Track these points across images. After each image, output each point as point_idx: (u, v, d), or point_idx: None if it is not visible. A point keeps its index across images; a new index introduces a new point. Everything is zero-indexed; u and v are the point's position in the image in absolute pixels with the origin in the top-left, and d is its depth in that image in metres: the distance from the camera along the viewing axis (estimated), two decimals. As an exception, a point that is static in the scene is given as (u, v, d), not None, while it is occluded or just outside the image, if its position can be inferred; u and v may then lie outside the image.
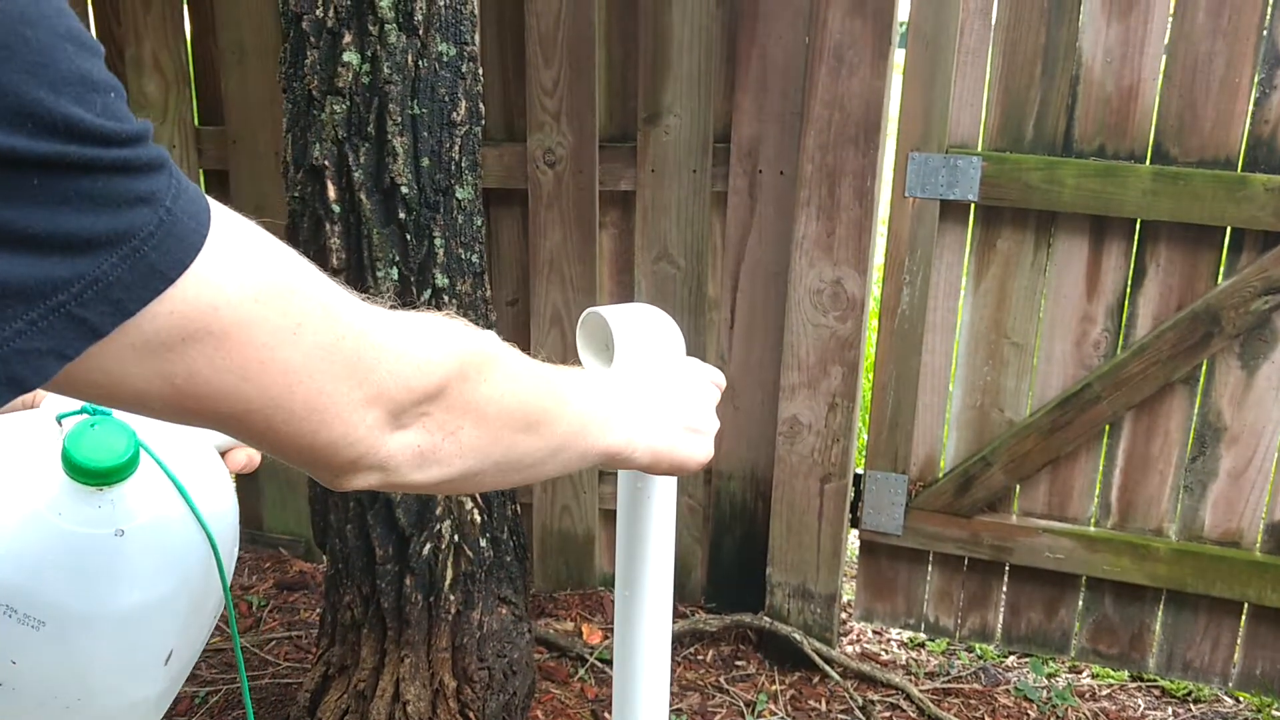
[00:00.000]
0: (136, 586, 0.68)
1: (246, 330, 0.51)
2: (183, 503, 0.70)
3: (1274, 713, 2.42)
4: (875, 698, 2.41)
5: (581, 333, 0.92)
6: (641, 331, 0.89)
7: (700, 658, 2.54)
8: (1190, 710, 2.45)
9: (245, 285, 0.51)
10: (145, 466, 0.67)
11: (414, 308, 1.96)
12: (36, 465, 0.66)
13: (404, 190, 1.81)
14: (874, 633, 2.72)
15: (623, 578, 0.95)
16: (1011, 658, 2.61)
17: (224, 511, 0.74)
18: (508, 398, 0.68)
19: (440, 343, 0.64)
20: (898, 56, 2.30)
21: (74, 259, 0.44)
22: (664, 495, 0.93)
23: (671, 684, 2.49)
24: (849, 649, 2.62)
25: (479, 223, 1.94)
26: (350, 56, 1.76)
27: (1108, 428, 2.34)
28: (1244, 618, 2.38)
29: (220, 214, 0.50)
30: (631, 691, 0.96)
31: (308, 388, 0.55)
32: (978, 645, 2.62)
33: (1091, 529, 2.40)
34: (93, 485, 0.65)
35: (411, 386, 0.61)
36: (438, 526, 1.98)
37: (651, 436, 0.80)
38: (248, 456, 0.80)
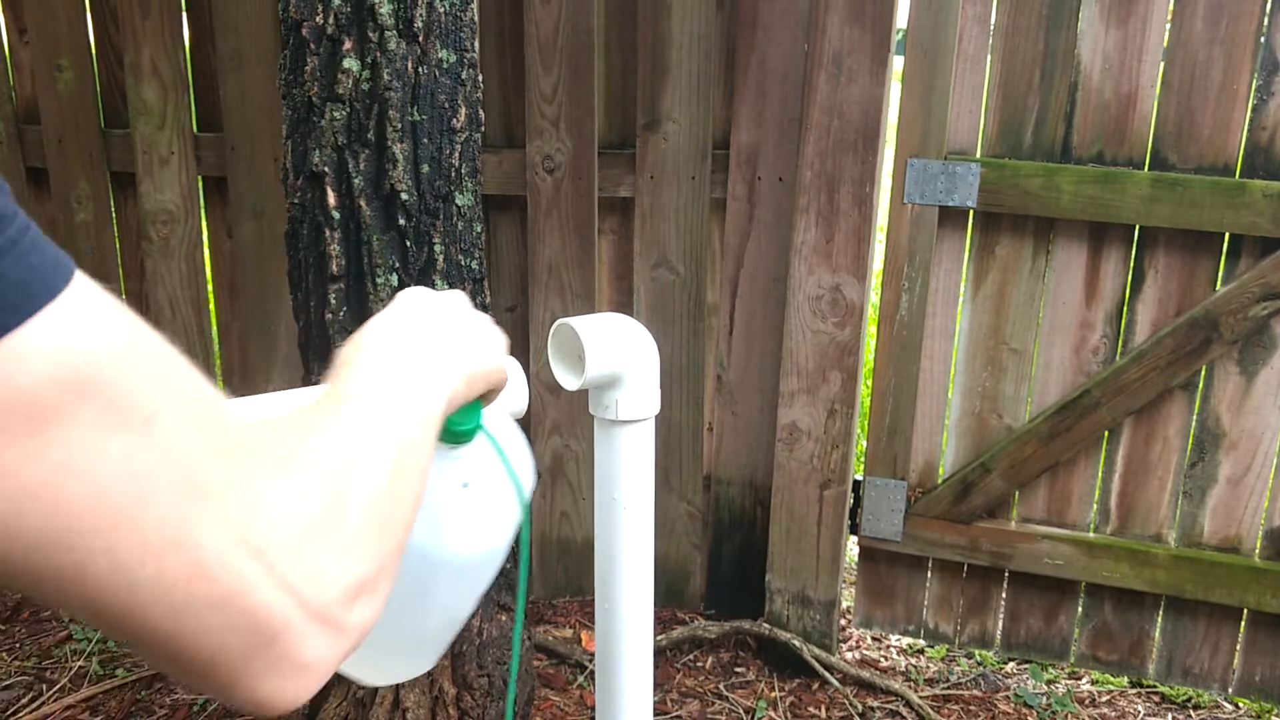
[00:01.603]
0: (477, 538, 0.75)
1: (74, 403, 0.39)
2: (500, 474, 0.77)
3: (1274, 718, 2.42)
4: (875, 704, 2.40)
5: (553, 345, 0.93)
6: (613, 343, 0.89)
7: (699, 664, 2.54)
8: (1190, 716, 2.45)
9: (81, 348, 0.39)
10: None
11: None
12: None
13: (404, 197, 1.81)
14: (873, 639, 2.72)
15: (602, 592, 0.96)
16: (1011, 664, 2.61)
17: (529, 480, 0.82)
18: (394, 470, 0.54)
19: (313, 444, 0.51)
20: (896, 64, 2.30)
21: None
22: (639, 506, 0.93)
23: (670, 690, 2.49)
24: (848, 655, 2.62)
25: (479, 229, 1.94)
26: (350, 63, 1.76)
27: (1107, 434, 2.34)
28: (1243, 624, 2.38)
29: (82, 289, 0.41)
30: (615, 702, 0.96)
31: (165, 506, 0.41)
32: (977, 651, 2.62)
33: (1091, 535, 2.40)
34: (449, 443, 0.72)
35: (315, 518, 0.48)
36: (437, 533, 1.98)
37: (457, 365, 0.68)
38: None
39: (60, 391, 0.38)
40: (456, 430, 0.72)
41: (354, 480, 0.51)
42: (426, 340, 0.67)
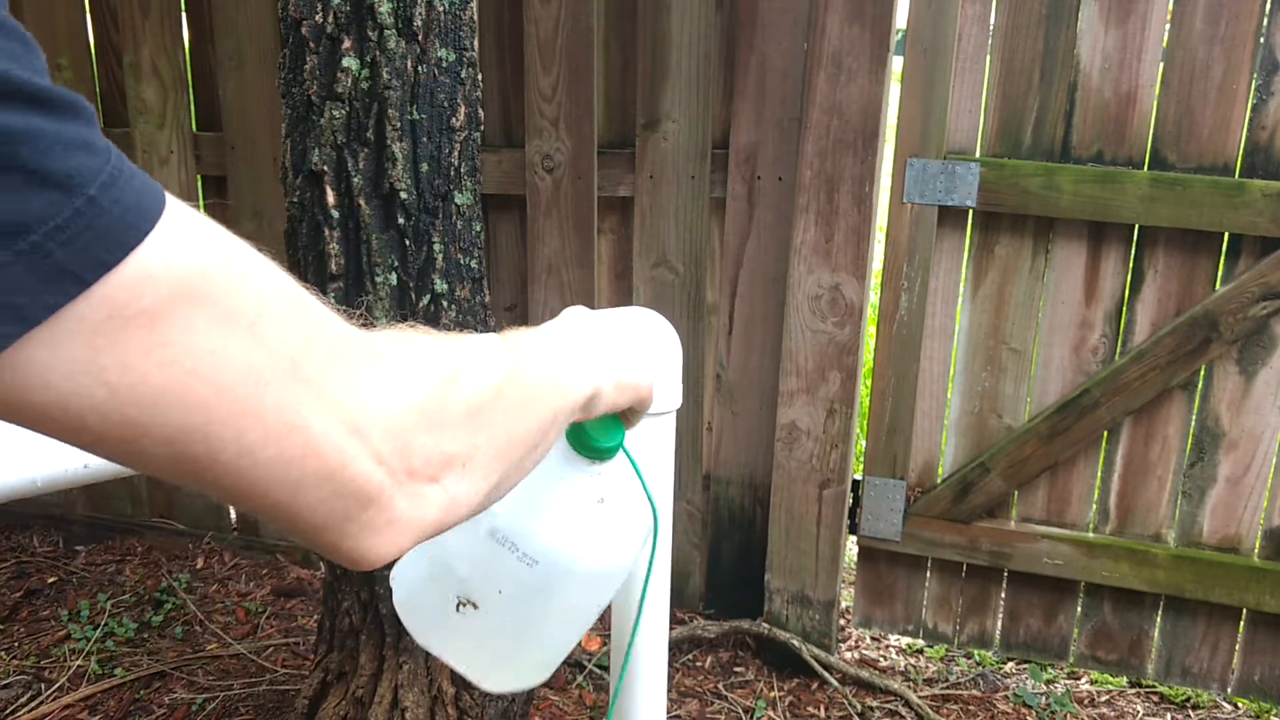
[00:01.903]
0: (609, 552, 0.77)
1: (190, 311, 0.43)
2: (636, 494, 0.80)
3: (1273, 718, 2.42)
4: (874, 704, 2.40)
5: None
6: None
7: (698, 664, 2.54)
8: (1189, 716, 2.45)
9: (197, 279, 0.43)
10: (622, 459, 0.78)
11: (413, 313, 1.95)
12: None
13: (403, 196, 1.81)
14: (872, 639, 2.72)
15: (620, 590, 0.95)
16: (1010, 664, 2.61)
17: (659, 502, 0.85)
18: (502, 389, 0.60)
19: (425, 347, 0.57)
20: (896, 63, 2.30)
21: (47, 194, 0.38)
22: (659, 499, 0.93)
23: (670, 690, 2.49)
24: (848, 655, 2.62)
25: (478, 228, 1.94)
26: (349, 62, 1.76)
27: (1106, 434, 2.34)
28: (1243, 623, 2.38)
29: (177, 211, 0.44)
30: (631, 700, 0.96)
31: (279, 395, 0.47)
32: (976, 651, 2.62)
33: (1090, 535, 2.40)
34: (589, 458, 0.76)
35: (410, 401, 0.53)
36: (436, 532, 1.97)
37: (604, 370, 0.73)
38: None
39: (179, 303, 0.43)
40: (599, 447, 0.75)
41: (456, 380, 0.57)
42: (587, 337, 0.74)
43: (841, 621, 2.66)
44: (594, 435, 0.75)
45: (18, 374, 0.40)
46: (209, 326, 0.44)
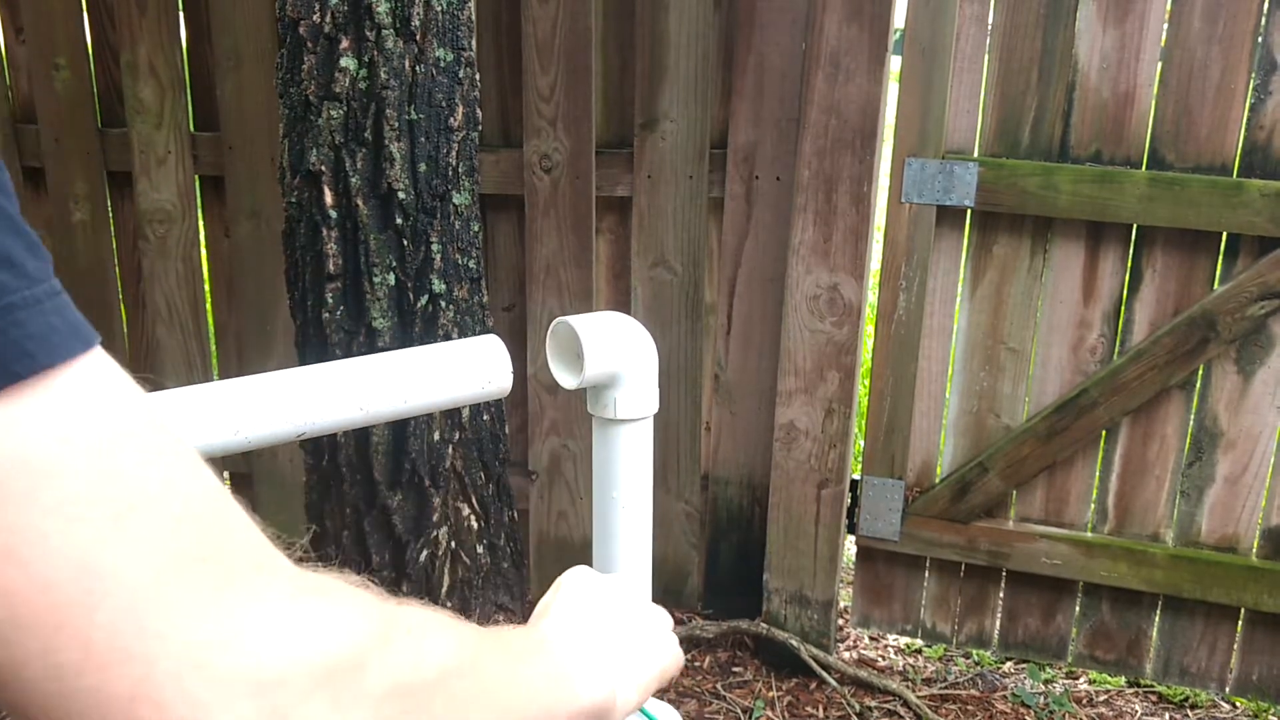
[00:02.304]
0: None
1: (41, 474, 0.35)
2: None
3: (1271, 718, 2.42)
4: (872, 704, 2.40)
5: (551, 344, 0.92)
6: (612, 342, 0.88)
7: (697, 664, 2.54)
8: (1188, 716, 2.45)
9: (61, 448, 0.36)
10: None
11: (411, 313, 1.95)
12: None
13: (401, 195, 1.80)
14: (871, 639, 2.72)
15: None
16: (1009, 664, 2.61)
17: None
18: (449, 672, 0.48)
19: (361, 602, 0.45)
20: (894, 63, 2.30)
21: None
22: (638, 505, 0.93)
23: (668, 690, 2.49)
24: (846, 655, 2.62)
25: (476, 228, 1.94)
26: (347, 62, 1.76)
27: (1104, 433, 2.34)
28: (1241, 623, 2.38)
29: (87, 369, 0.37)
30: None
31: (122, 611, 0.36)
32: (975, 651, 2.62)
33: (1089, 535, 2.40)
34: None
35: (312, 658, 0.40)
36: (434, 533, 1.97)
37: (629, 667, 0.64)
38: None
39: (18, 469, 0.35)
40: None
41: (384, 645, 0.44)
42: (594, 629, 0.63)
43: (840, 621, 2.66)
44: None
45: None
46: (53, 506, 0.35)
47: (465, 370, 0.76)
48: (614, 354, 0.88)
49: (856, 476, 2.53)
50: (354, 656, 0.42)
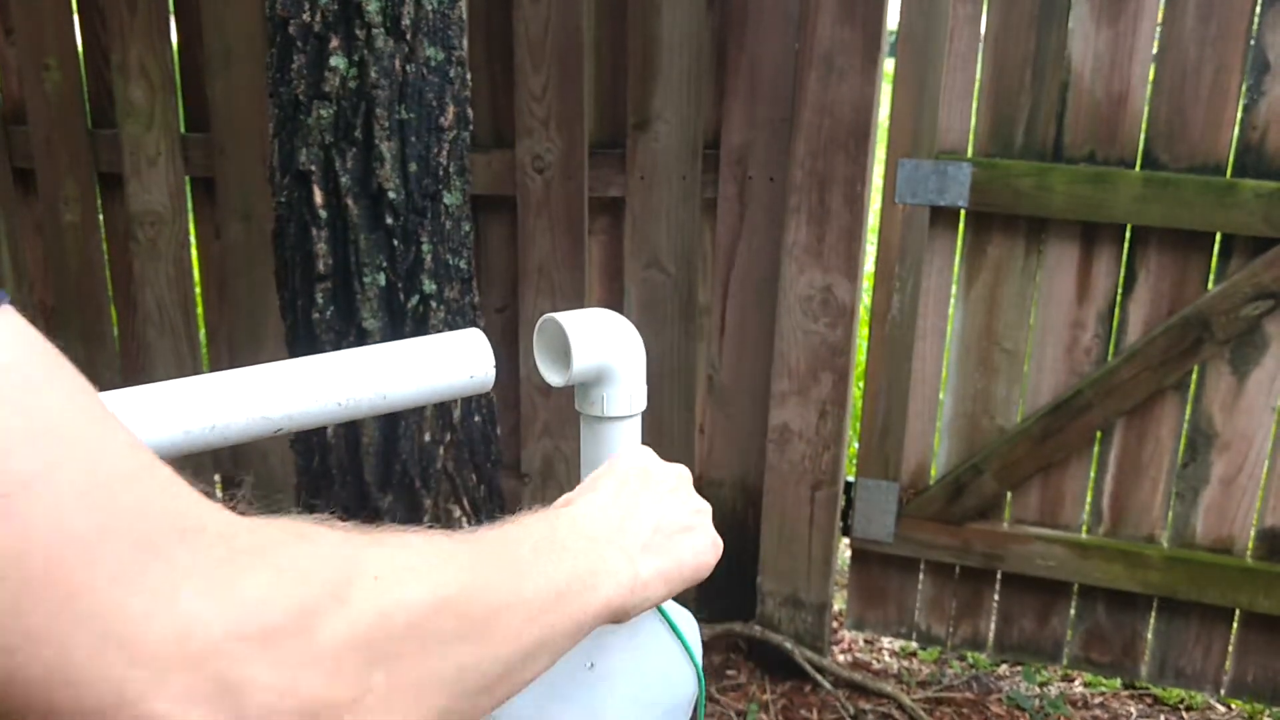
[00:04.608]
0: None
1: None
2: (667, 651, 0.68)
3: (1266, 719, 2.42)
4: (867, 707, 2.39)
5: (539, 341, 0.91)
6: (599, 338, 0.87)
7: (691, 667, 2.52)
8: (1183, 718, 2.44)
9: None
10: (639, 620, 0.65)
11: (402, 313, 1.93)
12: None
13: (391, 195, 1.79)
14: (865, 641, 2.71)
15: None
16: (1003, 666, 2.60)
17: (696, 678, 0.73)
18: (427, 611, 0.44)
19: (315, 549, 0.42)
20: (888, 64, 2.29)
21: None
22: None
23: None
24: (840, 658, 2.61)
25: (467, 228, 1.93)
26: (337, 61, 1.75)
27: (1099, 434, 2.33)
28: (1236, 625, 2.37)
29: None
30: None
31: (20, 578, 0.32)
32: (970, 654, 2.61)
33: (1083, 536, 2.39)
34: None
35: (257, 618, 0.37)
36: (425, 535, 1.96)
37: (652, 557, 0.60)
38: None
39: None
40: None
41: (340, 595, 0.41)
42: (629, 514, 0.60)
43: (834, 624, 2.65)
44: None
45: None
46: None
47: (447, 363, 0.75)
48: (601, 350, 0.87)
49: (851, 478, 2.52)
50: (299, 615, 0.39)
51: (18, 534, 0.32)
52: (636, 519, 0.62)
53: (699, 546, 0.65)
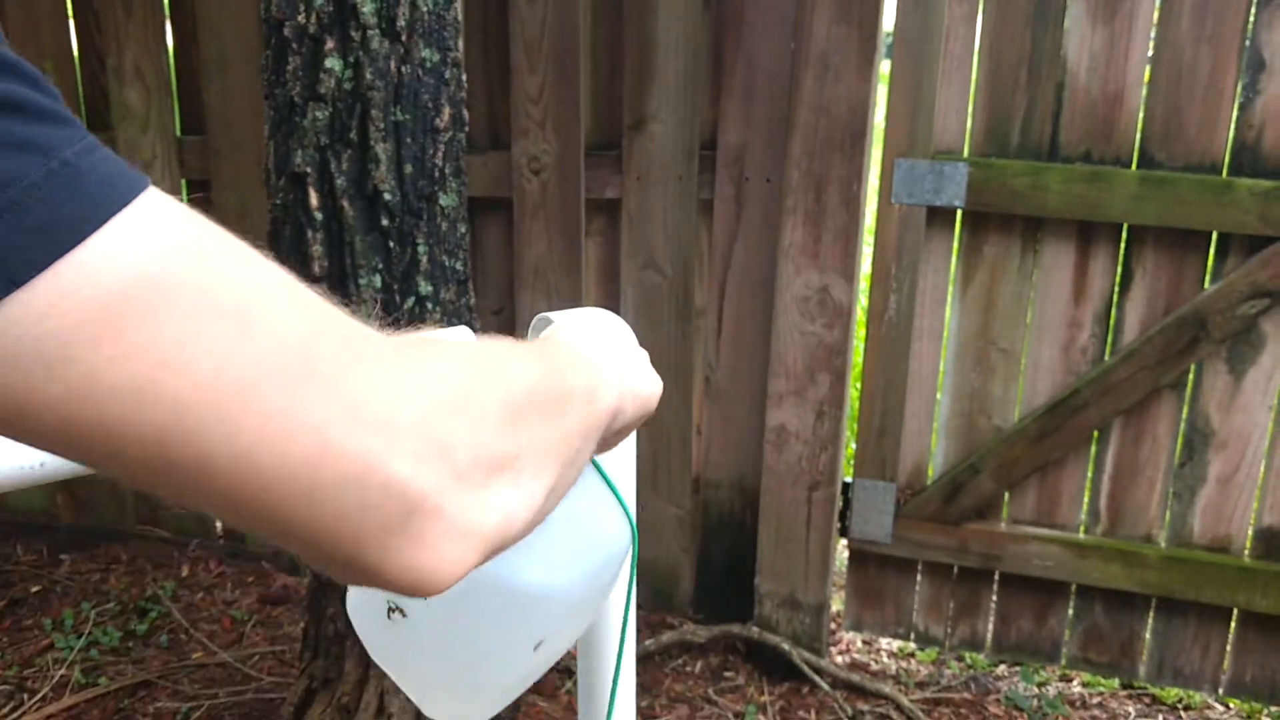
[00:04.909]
0: (545, 569, 0.71)
1: (159, 296, 0.38)
2: (600, 501, 0.73)
3: (1264, 718, 2.41)
4: (865, 708, 2.39)
5: (531, 339, 0.91)
6: (592, 335, 0.87)
7: (688, 669, 2.52)
8: (1181, 717, 2.44)
9: (176, 260, 0.39)
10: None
11: (397, 315, 1.92)
12: None
13: (387, 197, 1.79)
14: (863, 642, 2.70)
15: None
16: (1002, 666, 2.59)
17: (632, 516, 0.78)
18: (534, 389, 0.55)
19: (448, 345, 0.52)
20: (884, 64, 2.29)
21: None
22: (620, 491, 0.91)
23: (659, 695, 2.47)
24: (838, 659, 2.61)
25: (463, 230, 1.93)
26: (332, 63, 1.74)
27: (1096, 434, 2.33)
28: (1233, 624, 2.37)
29: (158, 193, 0.40)
30: (598, 708, 0.94)
31: (278, 389, 0.41)
32: (968, 654, 2.61)
33: (1081, 536, 2.39)
34: None
35: (443, 395, 0.47)
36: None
37: (622, 380, 0.68)
38: None
39: (146, 290, 0.38)
40: None
41: (485, 377, 0.51)
42: (596, 345, 0.68)
43: (832, 625, 2.65)
44: None
45: None
46: (185, 314, 0.39)
47: None
48: (595, 349, 0.87)
49: (848, 479, 2.51)
50: (471, 389, 0.49)
51: (267, 338, 0.41)
52: (608, 350, 0.70)
53: (651, 380, 0.73)
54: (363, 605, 0.75)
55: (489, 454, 0.48)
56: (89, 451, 0.40)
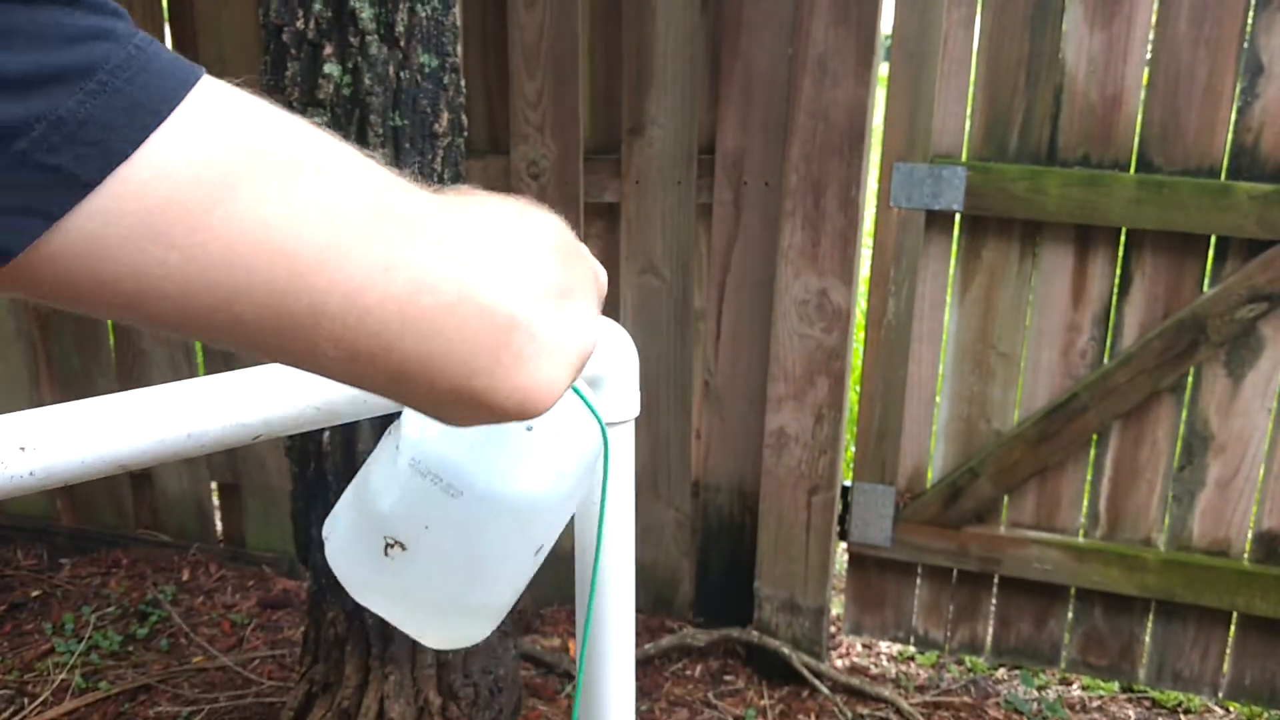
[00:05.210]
0: (539, 478, 0.74)
1: (249, 160, 0.41)
2: (572, 409, 0.76)
3: (1265, 723, 2.41)
4: (865, 711, 2.39)
5: None
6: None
7: (688, 673, 2.52)
8: (1181, 721, 2.44)
9: (252, 126, 0.42)
10: None
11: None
12: None
13: (386, 202, 1.79)
14: (863, 646, 2.70)
15: (581, 599, 0.94)
16: (1001, 670, 2.59)
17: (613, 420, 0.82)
18: (556, 234, 0.60)
19: (488, 195, 0.57)
20: (882, 68, 2.29)
21: (25, 99, 0.37)
22: (619, 510, 0.91)
23: (659, 699, 2.47)
24: (838, 663, 2.61)
25: (462, 235, 1.93)
26: (331, 68, 1.75)
27: (1095, 437, 2.33)
28: (1233, 627, 2.37)
29: (213, 79, 0.43)
30: (598, 711, 0.94)
31: (370, 235, 0.44)
32: (967, 658, 2.60)
33: (1080, 539, 2.39)
34: None
35: (506, 232, 0.53)
36: (422, 542, 1.96)
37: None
38: None
39: (234, 155, 0.41)
40: None
41: (528, 221, 0.56)
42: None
43: (832, 629, 2.65)
44: None
45: (76, 248, 0.39)
46: (269, 178, 0.42)
47: None
48: (593, 356, 0.87)
49: (847, 483, 2.51)
50: (523, 228, 0.54)
51: (342, 191, 0.44)
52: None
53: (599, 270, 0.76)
54: (346, 550, 0.77)
55: (555, 283, 0.53)
56: (210, 321, 0.42)
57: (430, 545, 0.73)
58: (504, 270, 0.50)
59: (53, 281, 0.39)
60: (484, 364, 0.49)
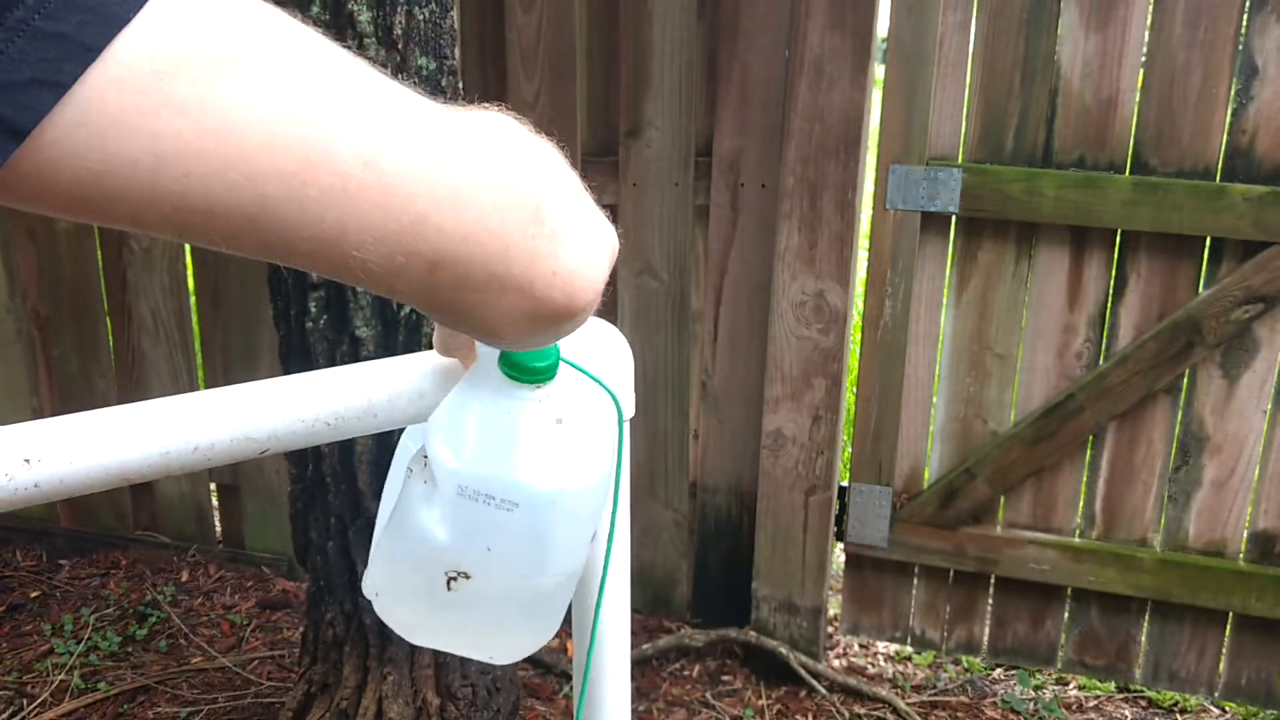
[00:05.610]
0: (582, 469, 0.74)
1: (283, 49, 0.41)
2: (594, 398, 0.76)
3: (1260, 722, 2.42)
4: (862, 711, 2.40)
5: None
6: (585, 344, 0.88)
7: (686, 673, 2.53)
8: (1177, 721, 2.44)
9: (218, 12, 0.41)
10: (564, 373, 0.75)
11: (395, 321, 1.93)
12: (478, 374, 0.73)
13: (384, 204, 1.80)
14: (860, 646, 2.71)
15: (577, 600, 0.94)
16: (998, 670, 2.60)
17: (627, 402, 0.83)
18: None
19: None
20: (878, 71, 2.30)
21: None
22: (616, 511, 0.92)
23: (656, 700, 2.48)
24: (835, 663, 2.61)
25: (460, 237, 1.94)
26: (329, 71, 1.75)
27: (1091, 438, 2.34)
28: (1229, 627, 2.38)
29: None
30: (594, 711, 0.95)
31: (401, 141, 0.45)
32: (964, 658, 2.61)
33: (1076, 540, 2.40)
34: (530, 383, 0.71)
35: (501, 132, 0.52)
36: (420, 542, 1.96)
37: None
38: None
39: (238, 21, 0.40)
40: (537, 367, 0.71)
41: (541, 140, 0.55)
42: None
43: (829, 629, 2.65)
44: (528, 358, 0.71)
45: (90, 121, 0.38)
46: (280, 40, 0.41)
47: (438, 381, 0.75)
48: (587, 357, 0.88)
49: (844, 483, 2.52)
50: (525, 135, 0.53)
51: (339, 76, 0.44)
52: None
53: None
54: (401, 600, 0.78)
55: (572, 180, 0.53)
56: (237, 202, 0.41)
57: (496, 566, 0.73)
58: (524, 157, 0.50)
59: (69, 164, 0.38)
60: (519, 243, 0.49)
